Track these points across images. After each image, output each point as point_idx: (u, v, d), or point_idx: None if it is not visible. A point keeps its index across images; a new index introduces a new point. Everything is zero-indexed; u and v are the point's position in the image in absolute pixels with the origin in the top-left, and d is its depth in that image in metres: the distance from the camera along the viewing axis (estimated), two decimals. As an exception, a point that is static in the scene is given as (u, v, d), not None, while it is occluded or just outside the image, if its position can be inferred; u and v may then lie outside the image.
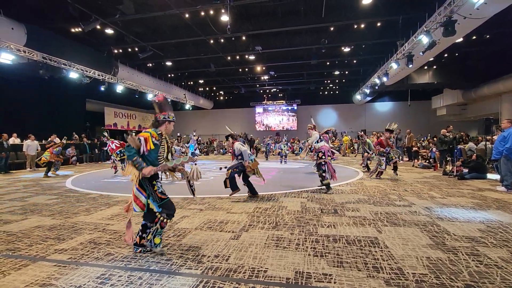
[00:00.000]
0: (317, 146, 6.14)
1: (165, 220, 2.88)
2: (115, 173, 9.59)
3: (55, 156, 9.76)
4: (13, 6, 9.92)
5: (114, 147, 9.02)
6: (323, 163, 5.98)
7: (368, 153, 9.83)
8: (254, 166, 5.44)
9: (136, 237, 2.96)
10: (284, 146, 13.69)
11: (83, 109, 19.80)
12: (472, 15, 7.96)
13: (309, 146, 6.40)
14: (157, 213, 2.85)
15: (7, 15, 9.98)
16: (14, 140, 12.25)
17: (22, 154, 11.93)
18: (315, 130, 6.45)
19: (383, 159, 7.79)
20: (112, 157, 9.36)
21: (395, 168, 7.99)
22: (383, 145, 7.90)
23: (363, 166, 10.14)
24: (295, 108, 27.33)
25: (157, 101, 3.03)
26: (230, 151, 5.39)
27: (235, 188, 5.43)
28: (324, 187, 6.08)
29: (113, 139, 9.38)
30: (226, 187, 5.44)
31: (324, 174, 5.97)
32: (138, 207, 2.84)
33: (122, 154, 9.22)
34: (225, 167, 5.53)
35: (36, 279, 2.41)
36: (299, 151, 17.57)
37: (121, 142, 9.40)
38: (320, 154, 6.03)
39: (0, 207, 5.13)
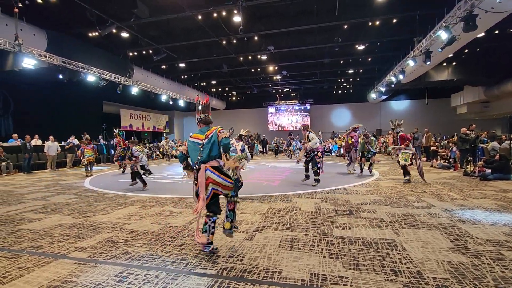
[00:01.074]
0: (315, 146, 6.85)
1: (237, 201, 3.12)
2: (122, 172, 10.38)
3: (96, 150, 10.78)
4: (34, 13, 10.35)
5: (122, 145, 10.52)
6: (318, 160, 6.86)
7: (372, 154, 9.05)
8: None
9: (209, 235, 2.93)
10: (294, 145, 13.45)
11: (100, 111, 20.41)
12: (494, 9, 7.62)
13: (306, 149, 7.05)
14: (231, 198, 3.05)
15: (29, 22, 10.43)
16: (36, 141, 12.78)
17: (43, 155, 12.43)
18: (309, 130, 7.07)
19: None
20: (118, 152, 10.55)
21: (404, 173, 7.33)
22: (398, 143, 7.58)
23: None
24: (308, 107, 27.08)
25: (206, 102, 3.26)
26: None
27: None
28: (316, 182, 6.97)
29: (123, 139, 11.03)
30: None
31: (319, 171, 6.92)
32: (227, 190, 2.99)
33: (124, 152, 10.70)
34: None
35: (58, 276, 2.50)
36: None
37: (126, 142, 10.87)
38: (320, 154, 6.92)
39: (24, 206, 5.36)
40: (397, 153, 7.79)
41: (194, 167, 3.01)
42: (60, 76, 12.45)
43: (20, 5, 9.19)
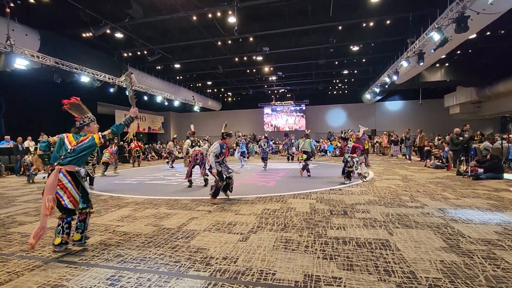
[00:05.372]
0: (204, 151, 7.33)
1: (89, 212, 3.18)
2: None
3: (115, 155, 11.37)
4: (27, 13, 10.22)
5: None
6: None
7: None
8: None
9: (63, 235, 3.03)
10: (264, 145, 11.56)
11: (94, 112, 20.09)
12: (486, 11, 7.72)
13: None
14: (82, 210, 3.10)
15: (21, 22, 10.29)
16: (28, 143, 12.59)
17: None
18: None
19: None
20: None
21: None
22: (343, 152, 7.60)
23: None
24: (304, 108, 27.19)
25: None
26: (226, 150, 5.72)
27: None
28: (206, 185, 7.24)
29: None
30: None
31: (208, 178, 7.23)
32: (71, 204, 2.97)
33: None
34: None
35: (48, 280, 2.46)
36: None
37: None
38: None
39: (15, 208, 5.27)
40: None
41: (49, 165, 3.08)
42: (57, 80, 12.28)
43: (12, 4, 9.06)
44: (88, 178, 7.11)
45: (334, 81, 22.81)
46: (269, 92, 27.13)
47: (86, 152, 3.10)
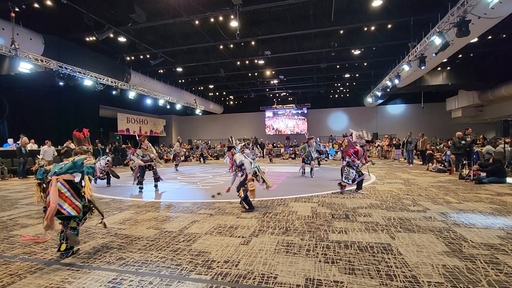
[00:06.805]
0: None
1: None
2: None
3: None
4: (32, 17, 10.35)
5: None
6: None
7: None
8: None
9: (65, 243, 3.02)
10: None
11: (96, 115, 20.32)
12: (487, 15, 7.74)
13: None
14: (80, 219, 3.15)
15: (26, 26, 10.42)
16: (31, 146, 12.65)
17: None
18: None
19: (352, 172, 6.51)
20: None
21: (358, 185, 6.63)
22: (358, 156, 6.59)
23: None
24: (305, 111, 27.20)
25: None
26: (231, 162, 5.37)
27: (251, 207, 5.02)
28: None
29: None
30: (245, 208, 4.96)
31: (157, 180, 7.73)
32: (74, 210, 3.00)
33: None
34: (219, 194, 5.47)
35: (51, 283, 2.47)
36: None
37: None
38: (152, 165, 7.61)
39: (17, 211, 5.30)
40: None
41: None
42: (61, 83, 12.38)
43: (17, 9, 9.19)
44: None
45: (335, 84, 22.85)
46: (271, 95, 27.18)
47: (77, 166, 3.16)
